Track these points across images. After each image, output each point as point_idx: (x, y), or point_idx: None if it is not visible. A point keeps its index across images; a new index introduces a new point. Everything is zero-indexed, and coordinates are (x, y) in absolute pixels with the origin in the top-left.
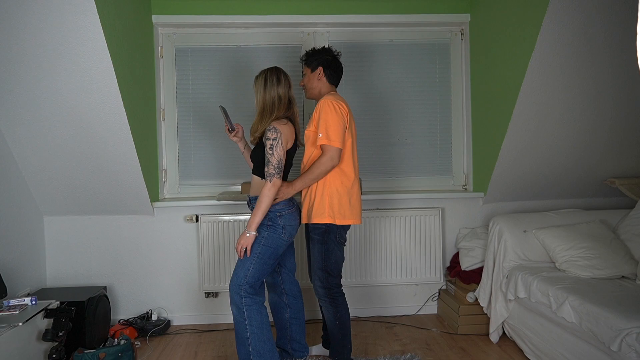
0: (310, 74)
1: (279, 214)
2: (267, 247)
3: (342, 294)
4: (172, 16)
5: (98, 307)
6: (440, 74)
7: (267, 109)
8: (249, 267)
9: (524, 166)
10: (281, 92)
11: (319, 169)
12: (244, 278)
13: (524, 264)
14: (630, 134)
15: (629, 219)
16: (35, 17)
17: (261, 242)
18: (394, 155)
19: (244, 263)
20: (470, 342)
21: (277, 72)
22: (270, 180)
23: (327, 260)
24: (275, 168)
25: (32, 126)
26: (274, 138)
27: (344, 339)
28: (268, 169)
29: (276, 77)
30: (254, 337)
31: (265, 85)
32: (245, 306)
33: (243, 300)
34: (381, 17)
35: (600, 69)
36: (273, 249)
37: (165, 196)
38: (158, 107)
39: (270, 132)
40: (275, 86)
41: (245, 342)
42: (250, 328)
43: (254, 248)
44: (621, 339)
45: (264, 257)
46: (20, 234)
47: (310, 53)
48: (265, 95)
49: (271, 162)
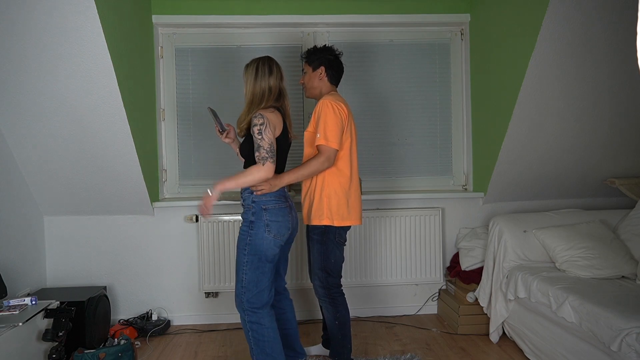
0: (311, 72)
1: (264, 206)
2: (253, 255)
3: (341, 294)
4: (172, 16)
5: (98, 307)
6: (440, 74)
7: (255, 100)
8: (242, 278)
9: (524, 166)
10: (272, 83)
11: (313, 167)
12: (243, 294)
13: (524, 264)
14: (630, 134)
15: (629, 219)
16: (36, 17)
17: (245, 250)
18: (394, 155)
19: (237, 275)
20: (470, 342)
21: (269, 62)
22: (264, 163)
23: (326, 260)
24: (267, 152)
25: (33, 126)
26: (261, 123)
27: (344, 339)
28: (260, 153)
29: (268, 67)
30: (257, 349)
31: (256, 75)
32: (248, 322)
33: (245, 316)
34: (381, 17)
35: (600, 69)
36: (260, 253)
37: (165, 196)
38: (158, 107)
39: (257, 118)
40: (267, 77)
41: (251, 351)
42: (254, 340)
43: (240, 257)
44: (621, 339)
45: (252, 266)
46: (20, 234)
47: (312, 51)
48: (255, 86)
49: (262, 147)
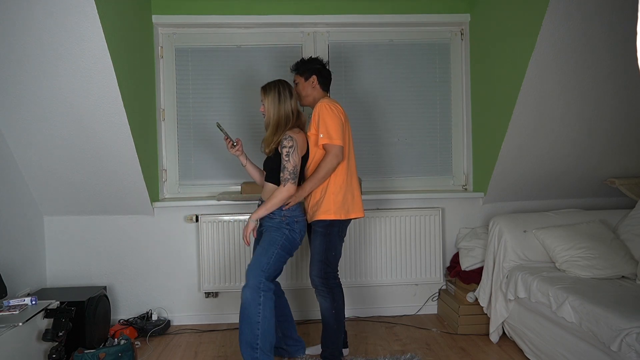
0: (304, 82)
1: (296, 219)
2: (286, 252)
3: (338, 285)
4: (172, 16)
5: (98, 307)
6: (440, 74)
7: (281, 123)
8: (272, 255)
9: (524, 166)
10: (293, 105)
11: (325, 167)
12: (267, 265)
13: (524, 264)
14: (630, 134)
15: (629, 219)
16: (36, 17)
17: (277, 245)
18: (394, 155)
19: (266, 251)
20: (470, 342)
21: (288, 86)
22: (285, 184)
23: (328, 252)
24: (290, 174)
25: (33, 126)
26: (291, 146)
27: (339, 329)
28: (284, 174)
29: (288, 91)
30: (264, 321)
31: (279, 100)
32: (262, 292)
33: (261, 285)
34: (381, 17)
35: (600, 69)
36: (289, 248)
37: (165, 196)
38: (158, 107)
39: (287, 140)
40: (289, 100)
41: (254, 325)
42: (263, 312)
43: (276, 240)
44: (621, 339)
45: (280, 259)
46: (20, 234)
47: (301, 63)
48: (280, 110)
49: (287, 168)
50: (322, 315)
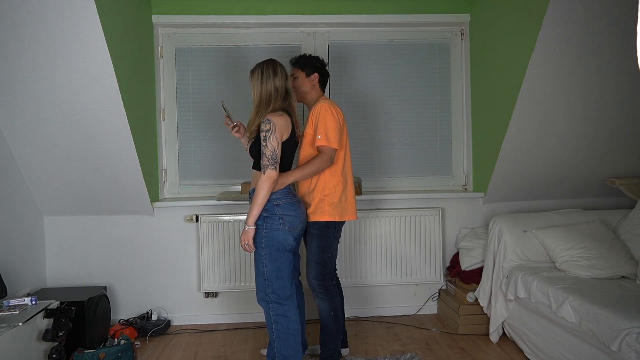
0: (304, 77)
1: (276, 202)
2: (270, 247)
3: (334, 287)
4: (172, 16)
5: (98, 307)
6: (440, 74)
7: (263, 103)
8: (263, 272)
9: (524, 166)
10: (278, 84)
11: (315, 166)
12: (267, 287)
13: (524, 264)
14: (630, 134)
15: (629, 219)
16: (36, 17)
17: (262, 243)
18: (393, 155)
19: (258, 270)
20: (470, 342)
21: (272, 64)
22: (264, 172)
23: (324, 253)
24: (269, 159)
25: (32, 126)
26: (268, 129)
27: (337, 330)
28: (262, 160)
29: (272, 69)
30: (280, 342)
31: (261, 79)
32: (274, 316)
33: (270, 306)
34: (381, 17)
35: (600, 68)
36: (277, 245)
37: (165, 196)
38: (158, 107)
39: (264, 124)
40: (272, 78)
41: (272, 343)
42: (277, 333)
43: (258, 252)
44: (621, 339)
45: (271, 258)
46: (20, 234)
47: (304, 57)
48: (262, 89)
49: (265, 154)
50: (321, 317)
